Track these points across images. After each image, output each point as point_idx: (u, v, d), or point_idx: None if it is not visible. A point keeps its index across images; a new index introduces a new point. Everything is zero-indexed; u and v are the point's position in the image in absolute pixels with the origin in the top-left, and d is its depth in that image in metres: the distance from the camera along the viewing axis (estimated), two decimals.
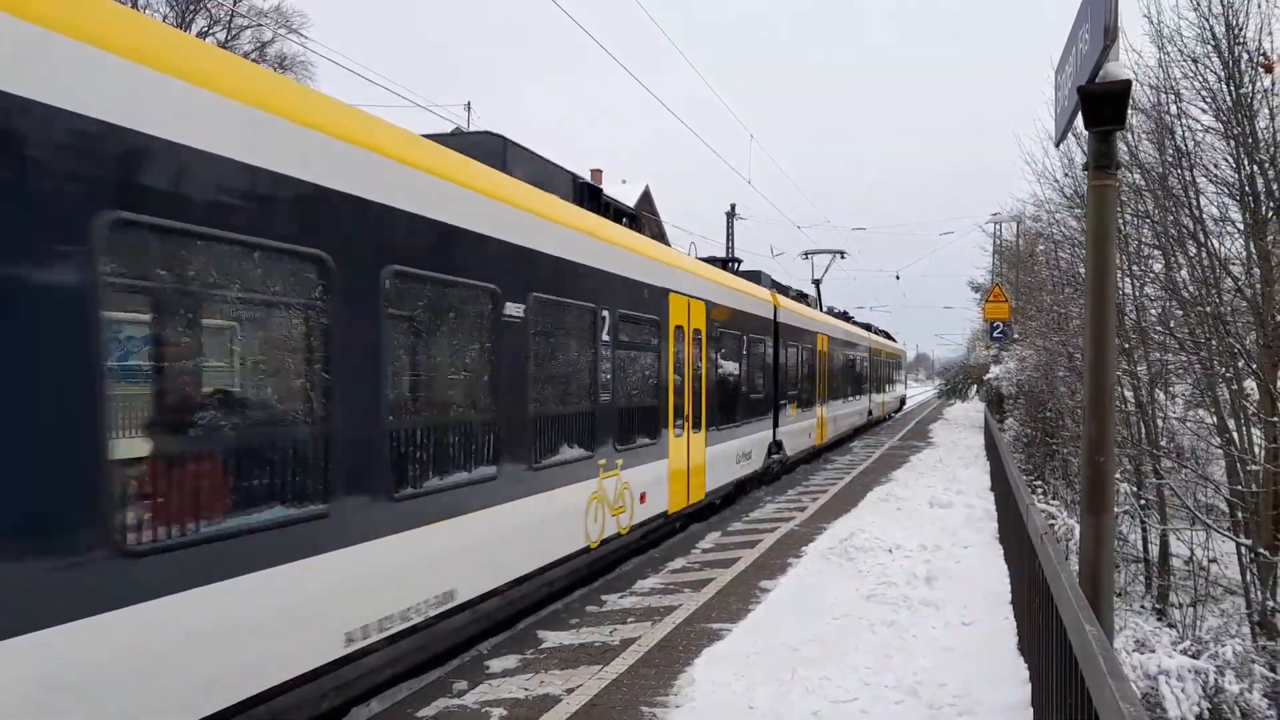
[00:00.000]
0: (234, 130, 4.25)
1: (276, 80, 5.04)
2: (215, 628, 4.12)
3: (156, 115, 3.84)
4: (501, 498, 6.59)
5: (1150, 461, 15.41)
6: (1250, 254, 13.55)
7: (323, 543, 4.79)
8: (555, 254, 7.63)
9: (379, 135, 5.45)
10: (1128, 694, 2.17)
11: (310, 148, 4.75)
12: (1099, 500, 4.89)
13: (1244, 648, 10.53)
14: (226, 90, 4.25)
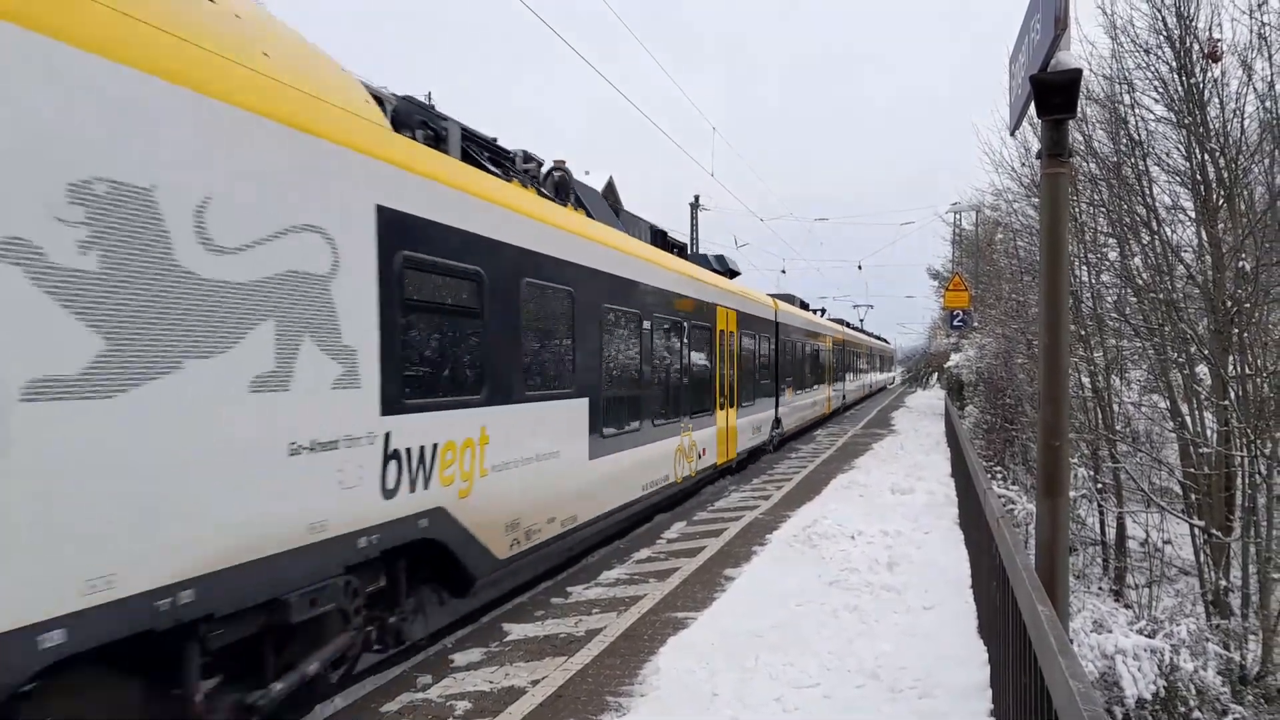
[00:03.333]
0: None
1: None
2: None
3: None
4: (643, 437, 10.86)
5: (1107, 446, 15.68)
6: (1201, 241, 13.82)
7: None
8: (667, 288, 11.96)
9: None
10: (1077, 671, 2.21)
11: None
12: (1054, 484, 4.98)
13: (1198, 626, 10.76)
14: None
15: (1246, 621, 12.40)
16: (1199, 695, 9.30)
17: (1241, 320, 12.48)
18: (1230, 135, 12.84)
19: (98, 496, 3.79)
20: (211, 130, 4.40)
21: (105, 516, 3.81)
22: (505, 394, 7.34)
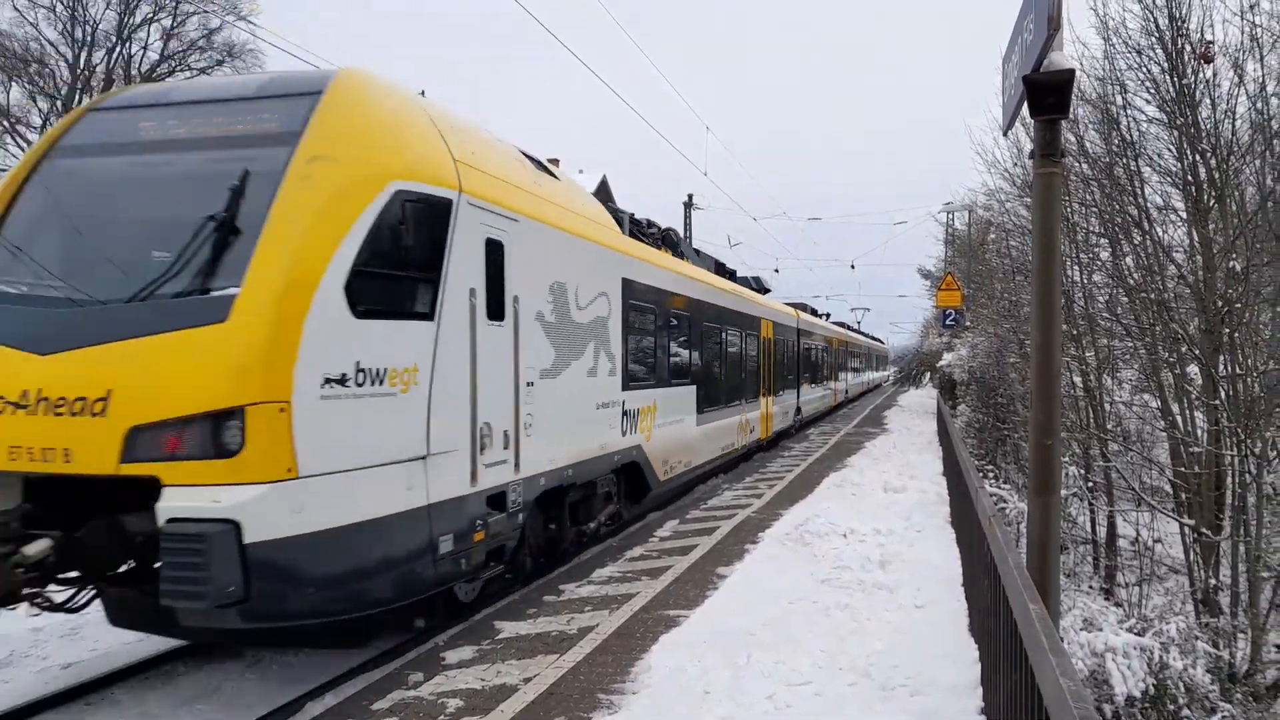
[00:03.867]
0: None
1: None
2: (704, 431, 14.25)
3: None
4: (723, 412, 15.56)
5: (1098, 445, 15.73)
6: (1192, 242, 13.86)
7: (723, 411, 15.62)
8: (734, 308, 16.60)
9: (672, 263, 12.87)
10: (1067, 669, 2.22)
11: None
12: (1046, 482, 4.99)
13: (1187, 625, 10.81)
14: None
15: (1236, 620, 12.45)
16: (1188, 693, 9.34)
17: (1232, 320, 12.53)
18: (1221, 136, 12.89)
19: (551, 424, 8.19)
20: (578, 253, 9.08)
21: (553, 432, 8.25)
22: (664, 382, 12.18)
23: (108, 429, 5.15)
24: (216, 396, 5.12)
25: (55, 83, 46.09)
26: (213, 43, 48.46)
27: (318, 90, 6.13)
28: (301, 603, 5.41)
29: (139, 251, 5.86)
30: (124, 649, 7.39)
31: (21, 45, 44.38)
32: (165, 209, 6.03)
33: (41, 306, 5.74)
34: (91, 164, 6.47)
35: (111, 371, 5.23)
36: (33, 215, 6.31)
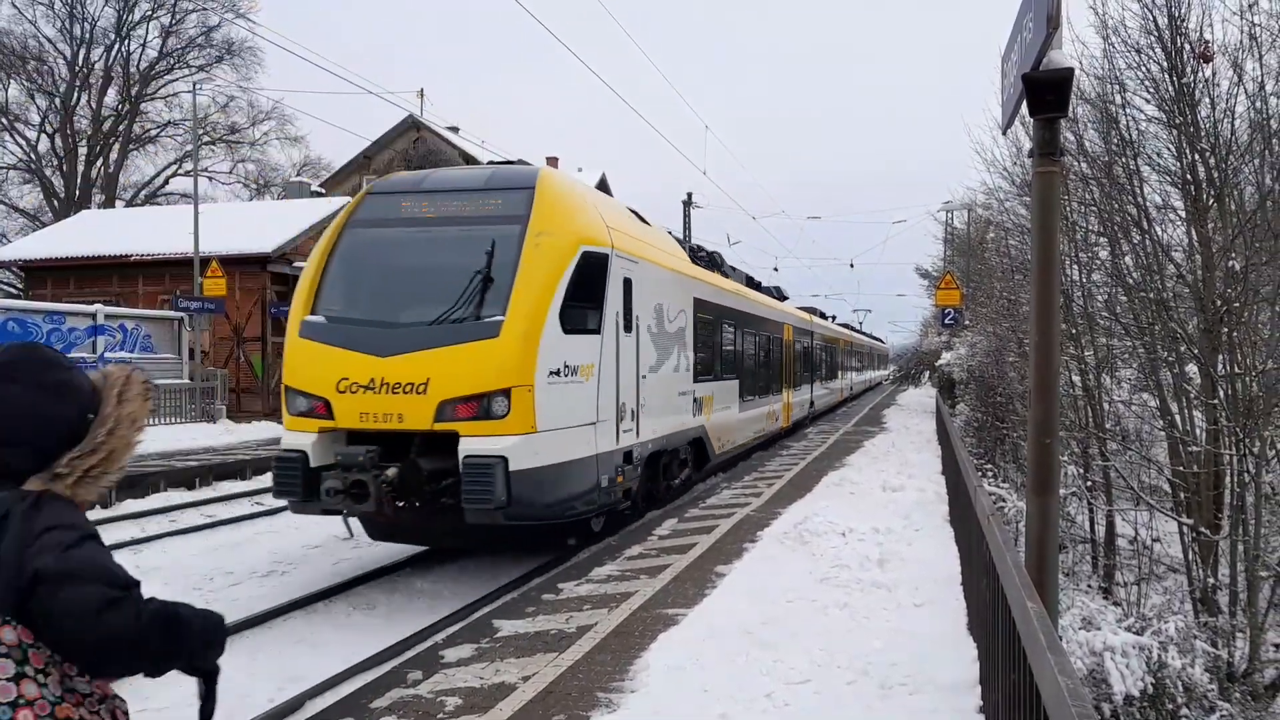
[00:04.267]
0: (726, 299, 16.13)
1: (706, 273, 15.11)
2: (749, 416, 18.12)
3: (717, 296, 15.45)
4: (760, 401, 19.14)
5: (1097, 444, 15.73)
6: (1191, 241, 13.86)
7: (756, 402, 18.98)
8: (765, 316, 20.01)
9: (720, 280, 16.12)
10: (1066, 667, 2.22)
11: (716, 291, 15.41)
12: (1045, 480, 5.00)
13: (1186, 624, 10.81)
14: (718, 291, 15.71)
15: (1234, 619, 12.45)
16: (1186, 692, 9.35)
17: (1231, 319, 12.53)
18: (1220, 135, 12.87)
19: (655, 405, 11.19)
20: (668, 281, 12.08)
21: (656, 412, 11.25)
22: (718, 376, 15.27)
23: (427, 402, 8.28)
24: (493, 383, 8.31)
25: (54, 80, 46.08)
26: (211, 40, 48.53)
27: (529, 185, 9.39)
28: (535, 510, 8.52)
29: (428, 291, 8.94)
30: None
31: (20, 42, 44.40)
32: (439, 263, 9.16)
33: (377, 326, 8.85)
34: (377, 233, 9.57)
35: (428, 367, 8.35)
36: (347, 267, 9.45)
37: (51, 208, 45.55)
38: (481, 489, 8.03)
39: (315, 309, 9.27)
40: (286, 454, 8.70)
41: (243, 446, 18.67)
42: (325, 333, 8.95)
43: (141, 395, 2.09)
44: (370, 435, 8.45)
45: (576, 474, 9.08)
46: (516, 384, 8.35)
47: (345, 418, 8.56)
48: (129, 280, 27.71)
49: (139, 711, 6.30)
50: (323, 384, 8.65)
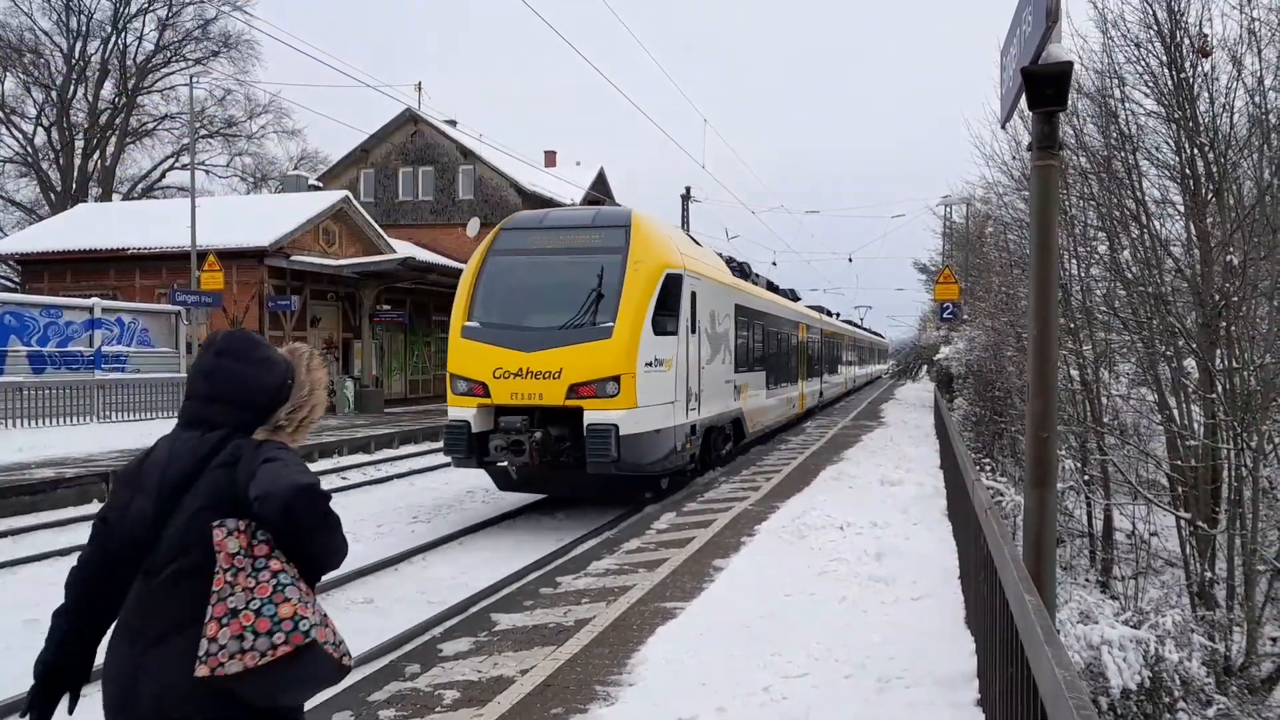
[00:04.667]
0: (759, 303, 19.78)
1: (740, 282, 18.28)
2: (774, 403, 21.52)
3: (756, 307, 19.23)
4: (783, 389, 22.48)
5: (1095, 438, 15.74)
6: (1190, 235, 13.85)
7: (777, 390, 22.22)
8: (779, 316, 22.32)
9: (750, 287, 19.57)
10: (1063, 660, 2.22)
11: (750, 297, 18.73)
12: (1042, 474, 4.99)
13: (1183, 618, 10.83)
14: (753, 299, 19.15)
15: (1231, 613, 12.48)
16: (1184, 686, 9.36)
17: (1229, 314, 12.53)
18: (1220, 130, 12.86)
19: (708, 391, 14.36)
20: (718, 292, 15.28)
21: (709, 396, 14.45)
22: (750, 368, 17.95)
23: (560, 385, 11.42)
24: (608, 371, 11.43)
25: (50, 73, 45.94)
26: (208, 33, 48.41)
27: (625, 224, 12.59)
28: (635, 465, 11.63)
29: (556, 304, 12.04)
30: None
31: (16, 35, 44.24)
32: (563, 282, 12.24)
33: (522, 329, 11.92)
34: (513, 259, 12.74)
35: (561, 359, 11.49)
36: (493, 286, 12.52)
37: (48, 201, 45.45)
38: (601, 448, 11.27)
39: (471, 317, 12.39)
40: (454, 423, 11.94)
41: None
42: (481, 334, 12.13)
43: (322, 364, 2.72)
44: (515, 409, 11.67)
45: (661, 440, 12.28)
46: (624, 372, 11.51)
47: (499, 396, 11.73)
48: (126, 274, 27.65)
49: None
50: (481, 371, 11.83)
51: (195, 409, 2.55)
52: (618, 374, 11.45)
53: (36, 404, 18.47)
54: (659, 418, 12.16)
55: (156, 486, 2.43)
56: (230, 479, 2.38)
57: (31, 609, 8.27)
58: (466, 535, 11.65)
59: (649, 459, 11.97)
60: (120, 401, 20.40)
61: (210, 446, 2.45)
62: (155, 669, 2.30)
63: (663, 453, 12.32)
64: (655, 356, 12.03)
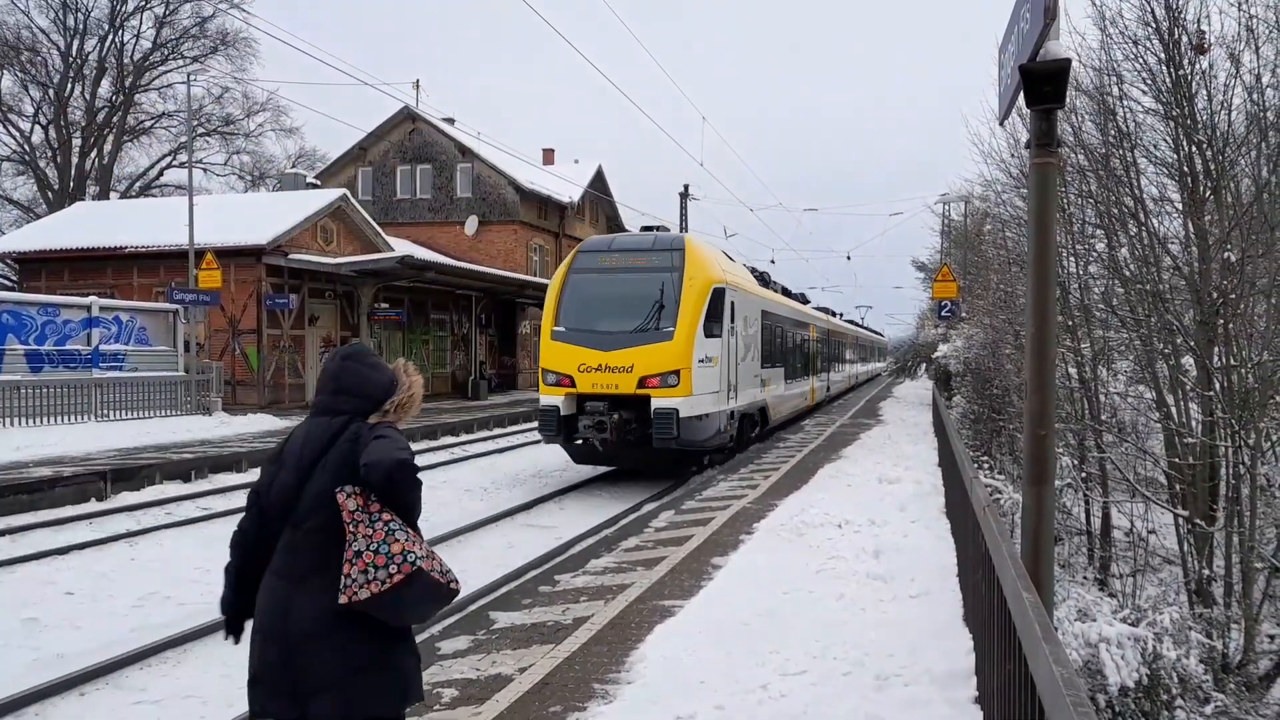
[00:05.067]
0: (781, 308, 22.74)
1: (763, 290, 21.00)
2: (792, 394, 24.31)
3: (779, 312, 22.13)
4: (798, 383, 25.20)
5: (1093, 436, 15.74)
6: (1188, 233, 13.85)
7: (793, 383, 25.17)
8: (794, 318, 24.74)
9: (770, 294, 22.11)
10: (1061, 657, 2.22)
11: (773, 303, 21.53)
12: (1040, 472, 4.99)
13: (1181, 615, 10.82)
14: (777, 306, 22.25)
15: (1229, 610, 12.49)
16: (1181, 683, 9.36)
17: (1227, 311, 12.53)
18: (1218, 127, 12.86)
19: (742, 383, 16.91)
20: (750, 299, 18.07)
21: (743, 387, 16.99)
22: (773, 364, 20.49)
23: (632, 377, 14.04)
24: (670, 365, 14.01)
25: (47, 71, 45.86)
26: (206, 31, 48.33)
27: (680, 247, 15.21)
28: (691, 442, 14.21)
29: (627, 312, 14.64)
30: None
31: (13, 33, 44.16)
32: (631, 295, 14.81)
33: (600, 333, 14.54)
34: (589, 276, 15.37)
35: (633, 356, 14.12)
36: (574, 297, 15.13)
37: (46, 199, 45.38)
38: (665, 428, 13.97)
39: (558, 323, 15.09)
40: (546, 408, 14.69)
41: (238, 439, 18.64)
42: (567, 337, 14.87)
43: (417, 370, 3.48)
44: (596, 397, 14.39)
45: (710, 422, 14.94)
46: (683, 366, 14.24)
47: (582, 386, 14.50)
48: (123, 272, 27.61)
49: (135, 704, 6.32)
50: (568, 366, 14.62)
51: (325, 401, 3.29)
52: (678, 368, 14.24)
53: (34, 402, 18.44)
54: (709, 404, 14.86)
55: (296, 461, 3.15)
56: (352, 451, 3.07)
57: (30, 608, 8.27)
58: (464, 534, 11.66)
59: (701, 438, 14.67)
60: (118, 400, 20.35)
61: (337, 429, 3.18)
62: (303, 601, 3.00)
63: (711, 433, 15.03)
64: (705, 354, 14.74)
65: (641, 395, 14.21)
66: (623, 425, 14.23)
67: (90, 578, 9.33)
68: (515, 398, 35.69)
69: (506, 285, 34.24)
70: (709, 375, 14.80)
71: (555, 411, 14.53)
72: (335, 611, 2.94)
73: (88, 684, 6.50)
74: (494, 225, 41.51)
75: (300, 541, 3.08)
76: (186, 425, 19.98)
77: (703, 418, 14.60)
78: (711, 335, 14.90)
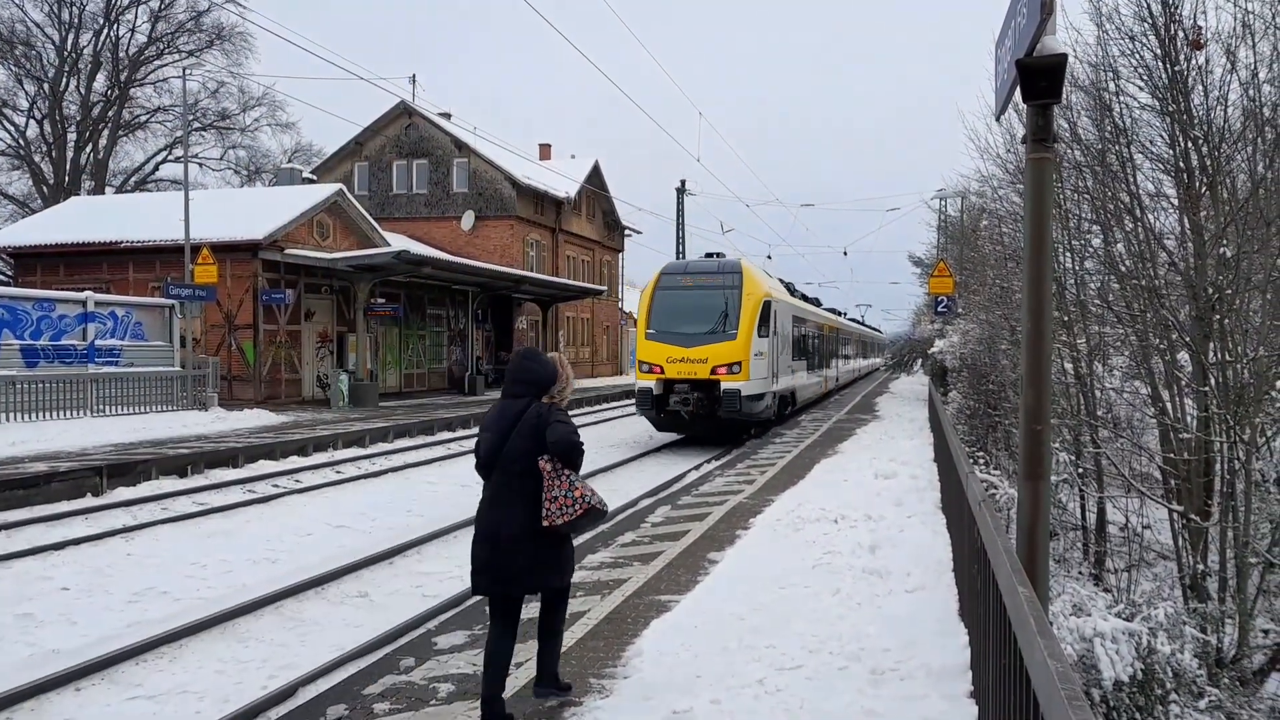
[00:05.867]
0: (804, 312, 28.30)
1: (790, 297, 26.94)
2: (812, 382, 29.78)
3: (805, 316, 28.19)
4: (816, 373, 30.73)
5: (1088, 431, 15.78)
6: (1184, 229, 13.87)
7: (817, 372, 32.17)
8: (814, 320, 30.31)
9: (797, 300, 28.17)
10: (1056, 651, 2.22)
11: (799, 308, 27.30)
12: (1036, 467, 5.00)
13: (1175, 610, 10.87)
14: (805, 312, 28.43)
15: (1223, 605, 12.53)
16: (1175, 678, 9.39)
17: (1222, 307, 12.55)
18: (1214, 123, 12.87)
19: (780, 372, 22.24)
20: (785, 307, 23.43)
21: (781, 375, 22.21)
22: (798, 357, 25.79)
23: (706, 366, 19.55)
24: (734, 358, 19.56)
25: (42, 65, 45.70)
26: (201, 25, 48.16)
27: (739, 270, 20.77)
28: (748, 414, 19.86)
29: (701, 319, 20.07)
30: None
31: (8, 27, 43.98)
32: (704, 306, 20.28)
33: (682, 334, 19.95)
34: (671, 292, 20.66)
35: (707, 351, 19.67)
36: (661, 308, 20.45)
37: (41, 194, 45.25)
38: (731, 404, 19.27)
39: (649, 326, 20.39)
40: (643, 389, 19.82)
41: (234, 434, 18.63)
42: (657, 337, 20.14)
43: (567, 362, 5.00)
44: (679, 381, 19.59)
45: (762, 400, 20.25)
46: (743, 359, 19.47)
47: (670, 373, 19.71)
48: (119, 267, 27.55)
49: (130, 699, 6.31)
50: (659, 358, 19.87)
51: (510, 388, 4.90)
52: (739, 360, 19.55)
53: (30, 398, 18.40)
54: (761, 387, 20.16)
55: (496, 428, 4.80)
56: (539, 425, 4.70)
57: (26, 603, 8.27)
58: (460, 530, 11.66)
59: (755, 410, 20.11)
60: (114, 395, 20.32)
61: (521, 407, 4.79)
62: (510, 521, 4.67)
63: (762, 408, 20.50)
64: (758, 350, 19.99)
65: (713, 380, 19.46)
66: (699, 402, 19.48)
67: (86, 573, 9.33)
68: None
69: (503, 280, 34.21)
70: (761, 365, 20.10)
71: (649, 392, 19.90)
72: (532, 528, 4.65)
73: (83, 679, 6.49)
74: (490, 220, 41.47)
75: (508, 483, 4.72)
76: (183, 420, 19.95)
77: (756, 397, 19.98)
78: (761, 335, 20.17)
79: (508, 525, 4.63)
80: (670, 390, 19.77)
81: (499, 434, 4.74)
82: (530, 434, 4.67)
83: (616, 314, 56.46)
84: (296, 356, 28.26)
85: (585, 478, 4.84)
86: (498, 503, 4.70)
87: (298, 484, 14.89)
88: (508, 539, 4.62)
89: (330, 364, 29.02)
